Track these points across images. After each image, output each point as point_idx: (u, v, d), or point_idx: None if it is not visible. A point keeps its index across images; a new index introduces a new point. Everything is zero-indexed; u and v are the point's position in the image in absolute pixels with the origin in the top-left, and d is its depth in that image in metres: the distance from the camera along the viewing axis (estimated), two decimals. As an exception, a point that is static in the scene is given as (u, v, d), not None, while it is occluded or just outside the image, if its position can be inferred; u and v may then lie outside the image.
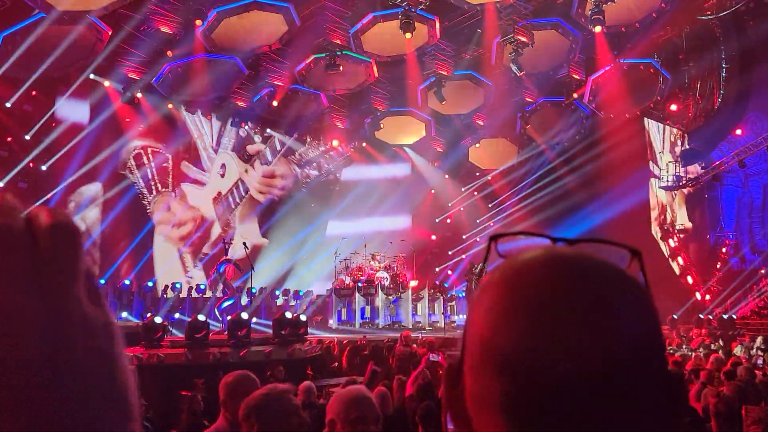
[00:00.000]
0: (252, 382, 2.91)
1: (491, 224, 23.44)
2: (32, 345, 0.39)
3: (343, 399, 2.35)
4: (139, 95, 16.69)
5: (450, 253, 23.31)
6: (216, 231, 19.82)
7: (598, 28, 14.63)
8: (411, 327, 15.98)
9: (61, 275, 0.42)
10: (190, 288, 16.89)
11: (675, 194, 22.93)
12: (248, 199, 20.84)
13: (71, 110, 16.25)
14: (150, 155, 18.63)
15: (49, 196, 15.82)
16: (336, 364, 11.36)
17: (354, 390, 2.47)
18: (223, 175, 20.46)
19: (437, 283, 19.15)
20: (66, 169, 16.12)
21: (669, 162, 22.37)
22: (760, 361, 8.12)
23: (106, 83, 16.16)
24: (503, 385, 0.52)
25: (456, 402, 0.58)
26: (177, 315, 14.52)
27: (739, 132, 22.26)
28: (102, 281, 15.52)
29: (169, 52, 15.35)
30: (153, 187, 18.85)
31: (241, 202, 20.59)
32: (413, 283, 17.99)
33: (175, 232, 19.08)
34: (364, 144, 21.85)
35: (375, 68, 17.13)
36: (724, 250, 24.45)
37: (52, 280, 0.42)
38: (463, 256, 22.09)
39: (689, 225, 24.30)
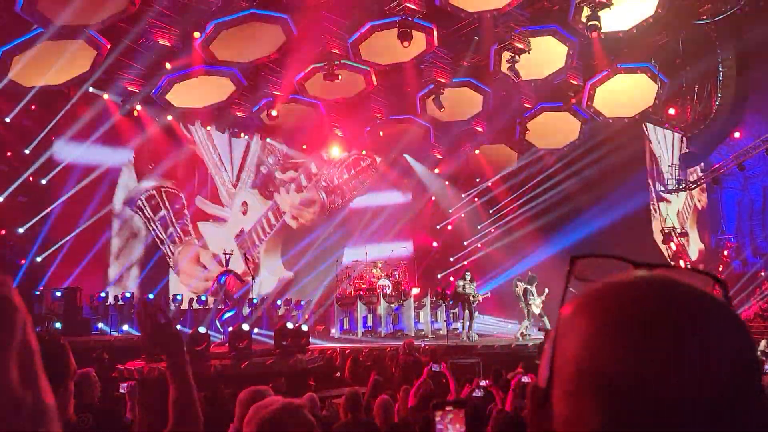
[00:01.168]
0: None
1: (492, 230, 23.44)
2: None
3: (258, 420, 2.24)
4: (138, 107, 16.75)
5: (452, 259, 23.30)
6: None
7: (594, 34, 14.66)
8: (414, 335, 15.94)
9: None
10: (191, 299, 16.86)
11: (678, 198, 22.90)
12: (281, 226, 20.65)
13: (68, 151, 16.18)
14: (164, 197, 18.20)
15: (49, 209, 15.84)
16: (338, 374, 11.32)
17: (269, 404, 2.29)
18: (245, 213, 20.11)
19: (439, 290, 19.13)
20: (66, 182, 16.15)
21: (669, 165, 22.40)
22: (766, 367, 8.07)
23: (105, 96, 16.22)
24: (606, 411, 0.52)
25: (542, 426, 0.58)
26: (178, 327, 14.48)
27: (737, 135, 22.28)
28: (103, 294, 15.50)
29: (167, 64, 15.40)
30: (176, 237, 18.42)
31: (266, 238, 20.27)
32: (415, 291, 17.96)
33: (202, 285, 18.52)
34: (363, 152, 21.89)
35: (374, 77, 17.18)
36: (725, 253, 24.44)
37: None
38: (465, 263, 22.07)
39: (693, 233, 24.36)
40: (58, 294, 13.32)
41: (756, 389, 0.54)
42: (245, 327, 11.28)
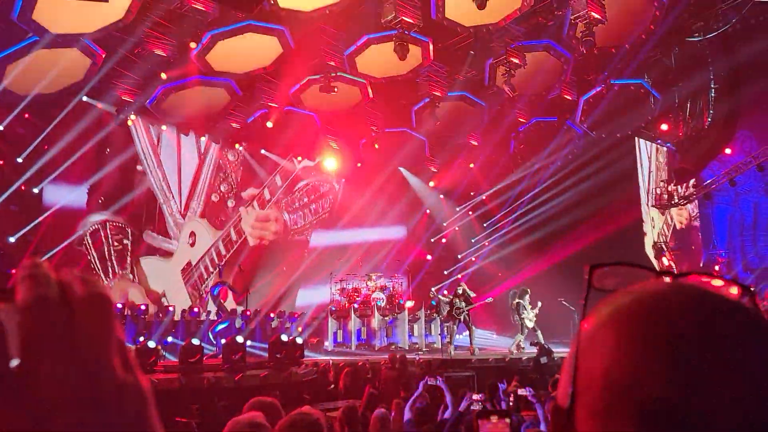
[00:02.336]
0: (277, 410, 2.85)
1: (486, 243, 23.47)
2: (69, 413, 0.41)
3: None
4: (132, 117, 16.69)
5: (445, 272, 23.27)
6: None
7: (588, 50, 14.81)
8: (407, 348, 15.86)
9: (96, 345, 0.45)
10: (184, 311, 16.70)
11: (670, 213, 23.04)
12: (241, 244, 19.86)
13: (61, 194, 15.91)
14: (108, 231, 17.12)
15: (40, 219, 15.70)
16: (332, 386, 11.21)
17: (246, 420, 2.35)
18: (192, 244, 18.77)
19: (433, 303, 19.07)
20: (59, 191, 16.04)
21: (662, 180, 22.56)
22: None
23: (99, 105, 16.16)
24: None
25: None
26: (170, 339, 14.32)
27: (728, 151, 22.51)
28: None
29: (163, 74, 15.38)
30: (110, 270, 17.07)
31: (215, 270, 18.85)
32: (409, 304, 17.90)
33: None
34: (359, 164, 21.90)
35: (370, 89, 17.23)
36: (717, 268, 24.56)
37: (87, 349, 0.44)
38: (459, 276, 22.04)
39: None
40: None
41: None
42: (239, 339, 11.18)
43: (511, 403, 7.66)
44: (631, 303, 0.53)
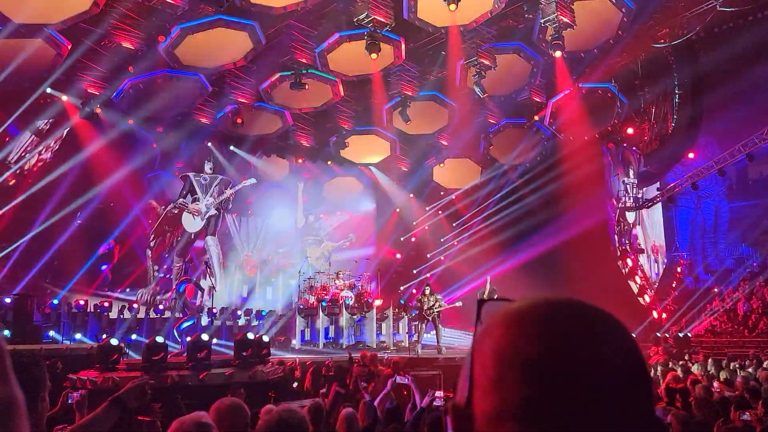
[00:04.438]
0: (243, 411, 2.83)
1: (455, 243, 23.63)
2: None
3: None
4: (98, 110, 16.33)
5: (414, 271, 23.37)
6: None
7: (558, 53, 15.03)
8: (375, 347, 15.88)
9: None
10: (148, 308, 16.44)
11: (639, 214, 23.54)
12: None
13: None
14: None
15: (2, 212, 15.28)
16: (296, 384, 11.16)
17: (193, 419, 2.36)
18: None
19: (402, 302, 19.13)
20: (21, 184, 15.62)
21: (626, 183, 23.02)
22: (715, 383, 8.34)
23: (64, 98, 15.77)
24: (526, 392, 0.61)
25: (466, 428, 0.66)
26: (134, 336, 14.09)
27: (691, 155, 23.09)
28: (55, 301, 14.98)
29: (130, 68, 15.09)
30: None
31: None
32: (378, 303, 17.91)
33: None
34: (329, 162, 21.83)
35: (341, 87, 17.19)
36: (679, 269, 25.20)
37: None
38: (428, 275, 22.16)
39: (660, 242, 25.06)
40: (8, 300, 12.81)
41: (645, 375, 0.65)
42: (204, 337, 11.03)
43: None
44: (511, 309, 0.69)
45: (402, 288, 22.95)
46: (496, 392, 0.63)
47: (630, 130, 21.48)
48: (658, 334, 18.48)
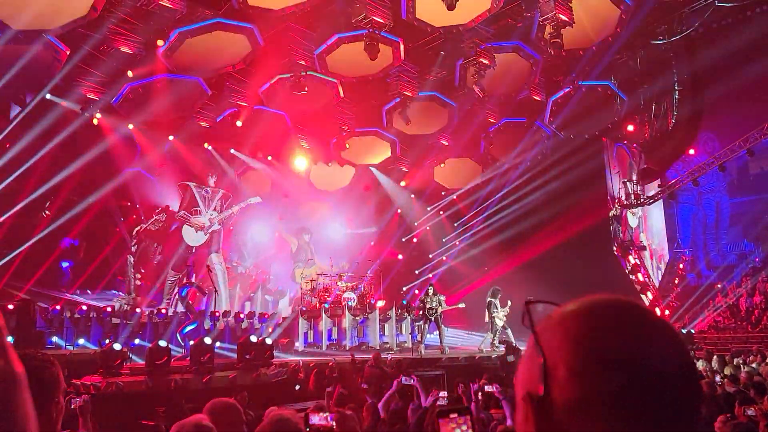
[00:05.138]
0: (236, 410, 2.83)
1: (457, 243, 23.62)
2: None
3: None
4: (98, 116, 16.33)
5: (417, 272, 23.36)
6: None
7: (557, 51, 15.03)
8: (378, 348, 15.87)
9: None
10: (151, 312, 16.42)
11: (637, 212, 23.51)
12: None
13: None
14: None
15: (4, 218, 15.29)
16: (298, 387, 11.16)
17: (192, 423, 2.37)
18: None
19: (404, 303, 19.12)
20: (23, 189, 15.60)
21: (628, 181, 22.99)
22: (718, 378, 8.32)
23: (64, 103, 15.78)
24: (614, 379, 0.65)
25: (546, 422, 0.69)
26: (137, 341, 14.07)
27: (692, 152, 23.08)
28: (57, 307, 14.97)
29: (129, 72, 15.10)
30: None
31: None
32: (380, 304, 17.90)
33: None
34: (329, 164, 21.83)
35: (340, 89, 17.19)
36: (681, 266, 25.16)
37: None
38: (430, 275, 22.15)
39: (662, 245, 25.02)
40: (11, 307, 12.81)
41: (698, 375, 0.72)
42: (207, 340, 11.04)
43: (480, 401, 7.73)
44: (578, 304, 0.73)
45: (404, 289, 22.95)
46: (579, 382, 0.66)
47: (630, 127, 21.47)
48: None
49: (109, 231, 18.92)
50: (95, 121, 16.48)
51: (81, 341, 13.95)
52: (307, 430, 3.03)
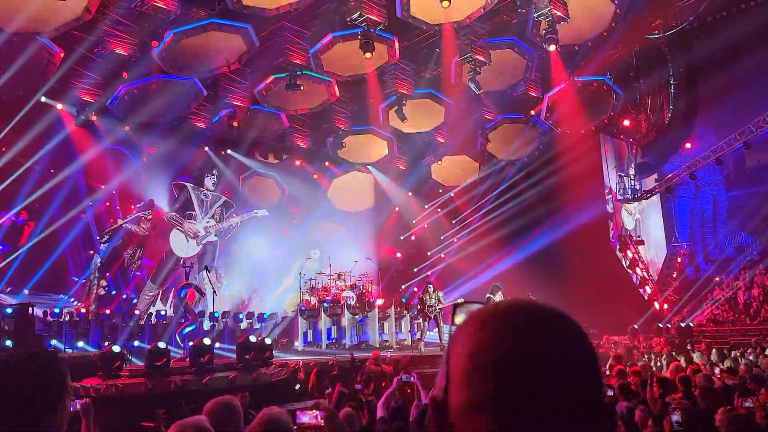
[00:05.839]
0: (235, 411, 2.83)
1: (455, 240, 23.63)
2: None
3: None
4: (93, 118, 16.29)
5: (415, 270, 23.37)
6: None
7: (552, 47, 15.03)
8: (378, 346, 15.88)
9: None
10: (150, 314, 16.42)
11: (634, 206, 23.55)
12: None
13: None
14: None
15: (1, 222, 15.26)
16: (298, 386, 11.17)
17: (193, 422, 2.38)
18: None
19: (403, 300, 19.12)
20: (20, 192, 15.57)
21: (625, 175, 23.02)
22: (717, 371, 8.35)
23: (59, 106, 15.75)
24: (492, 385, 0.69)
25: (441, 422, 0.73)
26: (136, 342, 14.07)
27: (688, 145, 23.10)
28: (56, 310, 14.95)
29: (124, 74, 15.07)
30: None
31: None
32: (379, 302, 17.91)
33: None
34: (327, 163, 21.81)
35: (336, 88, 17.18)
36: (679, 260, 25.20)
37: None
38: (429, 273, 22.16)
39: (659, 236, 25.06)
40: (9, 311, 12.79)
41: (597, 375, 0.73)
42: (207, 341, 11.04)
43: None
44: (479, 311, 0.78)
45: (403, 287, 22.95)
46: (468, 386, 0.71)
47: (626, 122, 21.48)
48: (660, 325, 18.49)
49: (71, 214, 15.84)
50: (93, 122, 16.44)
51: (80, 344, 13.95)
52: (295, 428, 3.05)
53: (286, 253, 20.66)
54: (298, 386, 11.01)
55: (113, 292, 16.87)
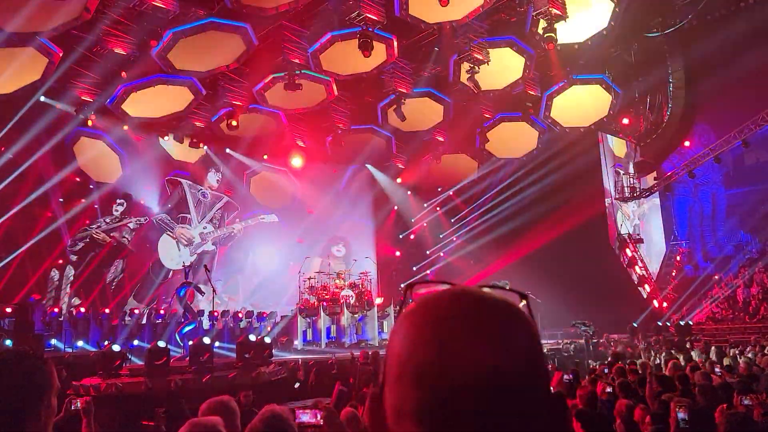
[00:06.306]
0: (232, 410, 2.83)
1: (454, 239, 23.64)
2: None
3: None
4: (92, 117, 16.28)
5: (414, 268, 23.38)
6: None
7: (551, 46, 15.03)
8: (378, 345, 15.90)
9: None
10: (150, 313, 16.42)
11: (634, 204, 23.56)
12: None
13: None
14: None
15: (1, 220, 15.25)
16: (298, 385, 11.18)
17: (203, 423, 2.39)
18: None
19: (402, 299, 19.10)
20: (19, 191, 15.58)
21: (623, 174, 23.04)
22: (717, 369, 8.36)
23: (58, 105, 15.73)
24: (417, 394, 0.66)
25: (378, 419, 0.71)
26: (136, 342, 14.07)
27: (687, 144, 23.13)
28: (56, 309, 14.95)
29: (123, 73, 15.05)
30: None
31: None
32: (378, 300, 17.93)
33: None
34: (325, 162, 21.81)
35: (335, 87, 17.17)
36: (678, 258, 25.23)
37: None
38: (428, 272, 22.17)
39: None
40: (8, 310, 12.79)
41: (533, 377, 0.68)
42: (206, 340, 11.04)
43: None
44: (417, 302, 0.73)
45: (402, 285, 22.96)
46: (397, 390, 0.68)
47: (625, 121, 21.49)
48: (660, 323, 18.51)
49: (36, 214, 13.76)
50: (89, 122, 16.43)
51: (80, 343, 13.96)
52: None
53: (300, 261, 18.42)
54: (297, 385, 11.03)
55: (81, 312, 14.30)
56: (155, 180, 16.10)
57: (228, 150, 19.92)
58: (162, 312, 16.13)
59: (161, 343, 10.27)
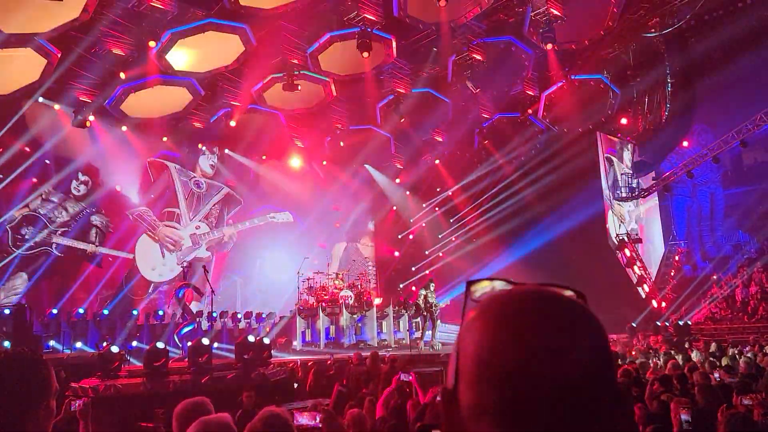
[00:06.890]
0: (207, 410, 2.79)
1: (453, 239, 23.64)
2: None
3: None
4: (91, 118, 16.25)
5: (413, 269, 23.37)
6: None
7: (549, 46, 15.05)
8: (376, 345, 15.89)
9: None
10: (148, 314, 16.39)
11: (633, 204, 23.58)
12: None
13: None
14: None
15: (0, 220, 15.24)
16: (296, 385, 11.17)
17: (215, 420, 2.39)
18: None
19: (401, 299, 19.13)
20: (17, 193, 15.56)
21: (622, 174, 23.05)
22: (716, 374, 8.37)
23: (56, 107, 15.71)
24: (501, 394, 0.66)
25: (453, 417, 0.71)
26: (135, 343, 14.05)
27: (686, 144, 23.14)
28: (54, 311, 14.93)
29: (122, 74, 15.04)
30: None
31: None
32: (377, 301, 17.91)
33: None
34: (324, 162, 21.79)
35: (333, 87, 17.16)
36: (677, 258, 25.24)
37: None
38: (427, 272, 22.17)
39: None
40: (7, 312, 12.77)
41: (610, 378, 0.69)
42: (205, 341, 11.02)
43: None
44: (490, 301, 0.73)
45: (401, 286, 22.96)
46: (475, 388, 0.68)
47: (624, 121, 21.52)
48: (658, 323, 18.52)
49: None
50: (88, 124, 16.39)
51: (78, 344, 13.93)
52: None
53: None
54: (296, 385, 11.02)
55: (79, 313, 12.45)
56: (134, 161, 12.74)
57: (227, 151, 19.92)
58: (161, 313, 16.10)
59: (160, 344, 10.25)
